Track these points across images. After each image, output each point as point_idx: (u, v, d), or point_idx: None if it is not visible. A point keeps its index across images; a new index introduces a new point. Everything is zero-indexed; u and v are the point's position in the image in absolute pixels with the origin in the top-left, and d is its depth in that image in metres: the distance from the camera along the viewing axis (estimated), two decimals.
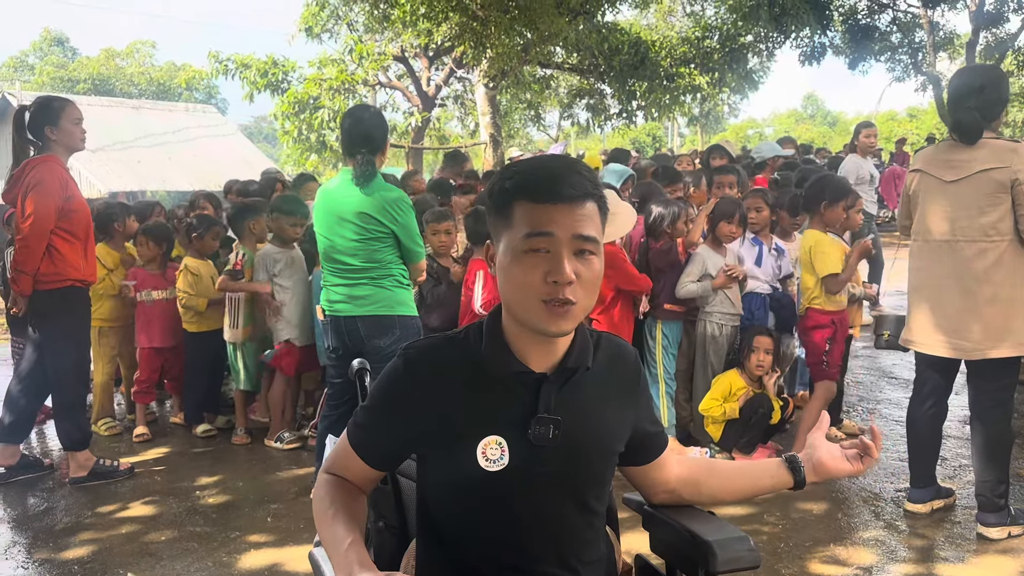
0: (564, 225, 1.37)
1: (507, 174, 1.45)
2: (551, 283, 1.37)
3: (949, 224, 3.47)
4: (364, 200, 3.70)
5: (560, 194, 1.38)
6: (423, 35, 14.38)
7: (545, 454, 1.46)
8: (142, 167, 21.15)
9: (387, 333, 3.74)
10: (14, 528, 3.98)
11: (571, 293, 1.38)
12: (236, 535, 3.78)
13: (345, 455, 1.58)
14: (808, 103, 65.13)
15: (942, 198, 3.49)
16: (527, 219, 1.39)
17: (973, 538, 3.54)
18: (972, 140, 3.40)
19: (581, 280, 1.39)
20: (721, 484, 1.71)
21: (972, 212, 3.39)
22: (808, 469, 1.65)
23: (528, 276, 1.38)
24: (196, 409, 5.42)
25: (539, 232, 1.37)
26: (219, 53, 15.82)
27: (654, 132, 44.06)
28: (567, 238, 1.37)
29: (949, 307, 3.48)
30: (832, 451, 1.65)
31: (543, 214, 1.38)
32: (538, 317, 1.40)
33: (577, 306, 1.39)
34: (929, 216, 3.55)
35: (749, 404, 4.40)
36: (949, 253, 3.48)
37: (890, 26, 20.93)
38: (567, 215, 1.38)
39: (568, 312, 1.39)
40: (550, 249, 1.37)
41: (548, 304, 1.38)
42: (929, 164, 3.58)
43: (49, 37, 46.25)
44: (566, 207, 1.38)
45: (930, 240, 3.55)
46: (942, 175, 3.50)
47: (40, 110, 4.20)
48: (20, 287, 4.18)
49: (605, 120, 20.86)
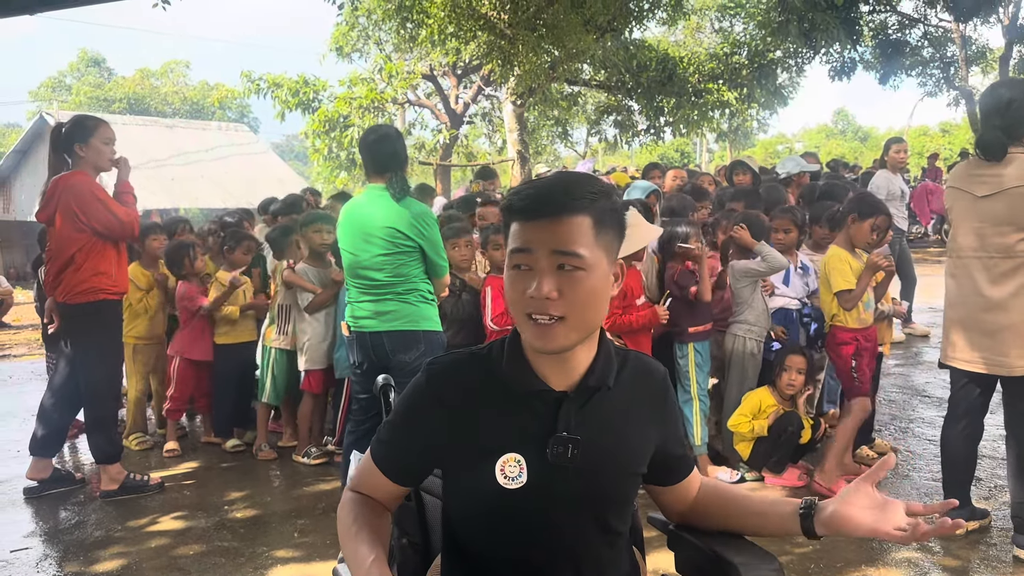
0: (543, 241, 1.38)
1: (507, 195, 1.50)
2: (530, 298, 1.38)
3: (980, 240, 3.43)
4: (391, 215, 3.73)
5: (539, 211, 1.40)
6: (451, 53, 14.48)
7: (563, 473, 1.45)
8: (175, 185, 21.50)
9: (412, 348, 3.75)
10: (46, 541, 4.03)
11: (555, 308, 1.38)
12: (263, 550, 3.80)
13: (369, 471, 1.59)
14: (839, 118, 64.58)
15: (974, 213, 3.46)
16: (514, 237, 1.42)
17: (1009, 560, 3.46)
18: (997, 158, 3.38)
19: (566, 296, 1.38)
20: (728, 518, 1.64)
21: (1004, 228, 3.36)
22: (822, 520, 1.49)
23: (513, 292, 1.42)
24: (225, 423, 5.47)
25: (519, 249, 1.40)
26: (251, 73, 16.07)
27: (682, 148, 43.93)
28: (546, 254, 1.38)
29: (985, 323, 3.43)
30: (869, 504, 1.45)
31: (525, 231, 1.41)
32: (527, 333, 1.43)
33: (567, 322, 1.39)
34: (962, 232, 3.52)
35: (779, 422, 4.35)
36: (981, 269, 3.44)
37: (921, 40, 20.71)
38: (546, 231, 1.39)
39: (553, 329, 1.39)
40: (531, 266, 1.39)
41: (532, 319, 1.39)
42: (962, 180, 3.55)
43: (86, 58, 47.23)
44: (546, 223, 1.39)
45: (963, 256, 3.52)
46: (974, 190, 3.46)
47: (73, 128, 4.29)
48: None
49: (633, 136, 20.83)
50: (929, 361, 7.11)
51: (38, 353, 9.46)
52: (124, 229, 4.28)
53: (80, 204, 4.16)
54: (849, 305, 4.14)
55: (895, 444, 4.91)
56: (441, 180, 17.99)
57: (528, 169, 15.90)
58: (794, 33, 15.78)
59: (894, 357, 7.03)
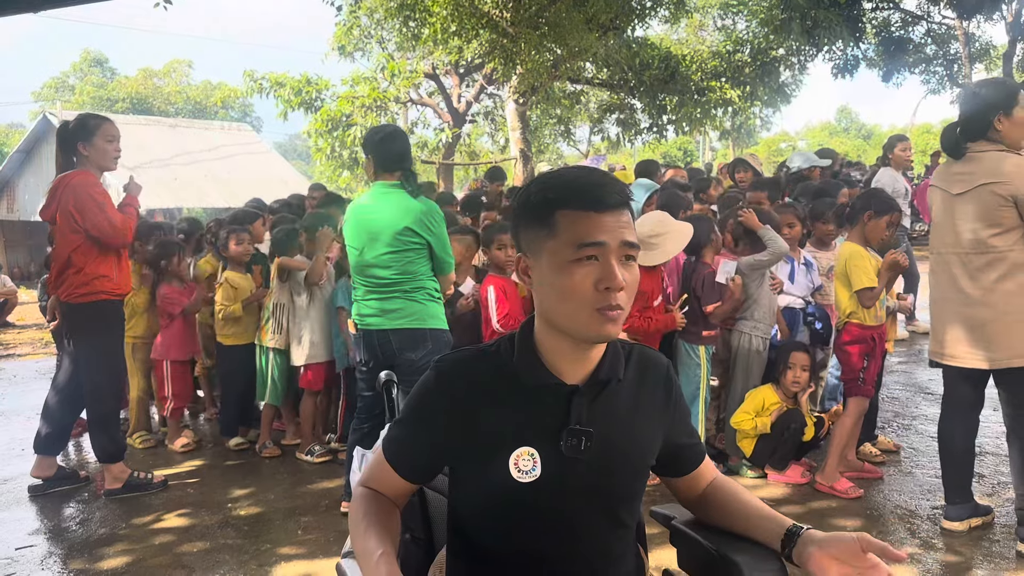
0: (613, 233, 1.38)
1: (545, 184, 1.45)
2: (603, 290, 1.37)
3: (956, 236, 3.49)
4: (400, 213, 3.74)
5: (606, 202, 1.39)
6: (454, 52, 14.47)
7: (577, 466, 1.46)
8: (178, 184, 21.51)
9: (419, 346, 3.76)
10: (50, 539, 4.05)
11: (621, 299, 1.39)
12: (267, 547, 3.81)
13: (380, 468, 1.59)
14: (842, 116, 64.48)
15: (951, 211, 3.53)
16: (574, 228, 1.38)
17: (1012, 556, 3.46)
18: (955, 156, 3.51)
19: (628, 286, 1.40)
20: (724, 518, 1.63)
21: (976, 225, 3.41)
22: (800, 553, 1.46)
23: (580, 285, 1.38)
24: (230, 422, 5.48)
25: (591, 242, 1.37)
26: (254, 72, 16.08)
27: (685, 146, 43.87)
28: (616, 245, 1.38)
29: (967, 318, 3.47)
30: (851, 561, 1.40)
31: (592, 223, 1.38)
32: (589, 325, 1.39)
33: (623, 311, 1.41)
34: (941, 229, 3.59)
35: (782, 419, 4.35)
36: (959, 265, 3.50)
37: (924, 38, 20.69)
38: (614, 223, 1.39)
39: (618, 316, 1.39)
40: (599, 257, 1.38)
41: (600, 312, 1.38)
42: (940, 178, 3.63)
43: (88, 58, 47.32)
44: (613, 215, 1.39)
45: (943, 253, 3.58)
46: (950, 188, 3.53)
47: (77, 127, 4.30)
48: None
49: (636, 135, 20.79)
50: None
51: (42, 352, 9.49)
52: (116, 235, 4.25)
53: (77, 204, 4.17)
54: (870, 303, 4.13)
55: (898, 441, 4.91)
56: (444, 179, 17.98)
57: (531, 168, 15.90)
58: (797, 31, 15.75)
59: (897, 354, 7.03)
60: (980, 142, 3.43)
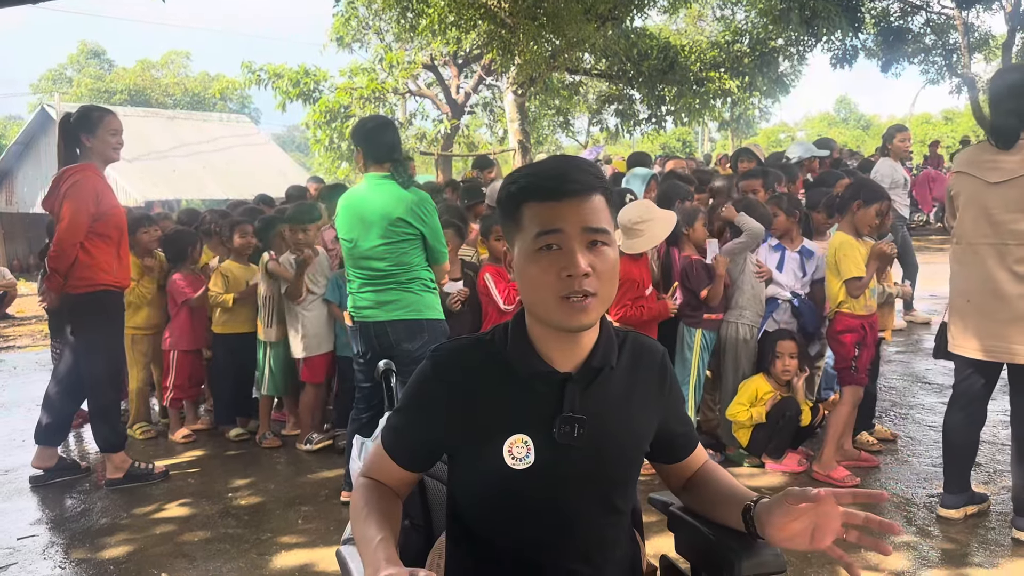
0: (572, 220, 1.39)
1: (512, 178, 1.48)
2: (566, 278, 1.38)
3: (994, 227, 3.40)
4: (392, 203, 3.75)
5: (565, 190, 1.40)
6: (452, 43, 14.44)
7: (570, 453, 1.48)
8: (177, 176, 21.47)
9: (416, 337, 3.77)
10: (52, 529, 4.07)
11: (589, 285, 1.39)
12: (268, 536, 3.83)
13: (380, 458, 1.61)
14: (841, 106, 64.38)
15: (986, 200, 3.42)
16: (536, 219, 1.41)
17: (1008, 544, 3.48)
18: (1008, 145, 3.36)
19: (597, 272, 1.40)
20: (704, 503, 1.65)
21: (1019, 215, 3.33)
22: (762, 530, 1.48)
23: (544, 275, 1.40)
24: (226, 411, 5.50)
25: (549, 230, 1.40)
26: (252, 63, 16.05)
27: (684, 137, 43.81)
28: (577, 232, 1.39)
29: (996, 311, 3.40)
30: (796, 526, 1.42)
31: (551, 211, 1.40)
32: (558, 314, 1.41)
33: (597, 297, 1.41)
34: (972, 218, 3.48)
35: (776, 408, 4.37)
36: (994, 256, 3.40)
37: (923, 28, 20.63)
38: (574, 210, 1.40)
39: (588, 305, 1.40)
40: (561, 245, 1.39)
41: (567, 299, 1.39)
42: (971, 165, 3.50)
43: (86, 50, 47.12)
44: (573, 202, 1.40)
45: (974, 243, 3.48)
46: (986, 176, 3.42)
47: (80, 119, 4.30)
48: (51, 285, 4.30)
49: (634, 125, 20.77)
50: (930, 348, 7.10)
51: (42, 344, 9.50)
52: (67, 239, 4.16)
53: (72, 196, 4.16)
54: (858, 292, 4.15)
55: (895, 430, 4.93)
56: (442, 170, 17.97)
57: (530, 159, 15.89)
58: (796, 21, 15.71)
59: (895, 344, 7.05)
60: None
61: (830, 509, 1.40)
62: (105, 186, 4.33)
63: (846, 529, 1.42)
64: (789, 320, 4.67)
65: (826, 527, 1.41)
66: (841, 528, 1.42)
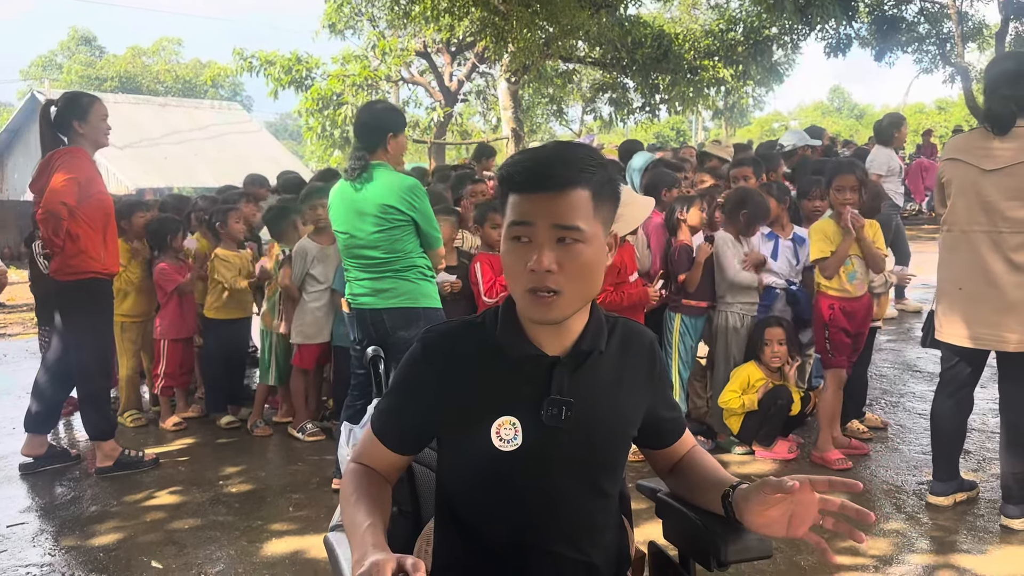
0: (543, 215, 1.39)
1: (503, 167, 1.49)
2: (530, 272, 1.39)
3: (988, 214, 3.38)
4: (382, 190, 3.73)
5: (539, 184, 1.40)
6: (445, 30, 14.41)
7: (557, 435, 1.48)
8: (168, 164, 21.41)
9: (412, 325, 3.76)
10: (42, 516, 4.06)
11: (553, 282, 1.39)
12: (259, 524, 3.83)
13: (369, 442, 1.61)
14: (834, 95, 64.44)
15: (981, 188, 3.39)
16: (513, 208, 1.42)
17: (996, 530, 3.50)
18: (1004, 131, 3.34)
19: (564, 269, 1.39)
20: (689, 489, 1.66)
21: (1015, 203, 3.31)
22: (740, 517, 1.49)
23: (513, 265, 1.42)
24: (217, 399, 5.49)
25: (519, 222, 1.40)
26: (244, 50, 15.97)
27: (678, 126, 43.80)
28: (546, 227, 1.39)
29: (989, 299, 3.38)
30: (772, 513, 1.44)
31: (525, 204, 1.41)
32: (524, 305, 1.44)
33: (563, 296, 1.40)
34: (966, 206, 3.45)
35: (768, 396, 4.38)
36: (988, 244, 3.38)
37: (917, 17, 20.60)
38: (547, 205, 1.39)
39: (552, 301, 1.40)
40: (531, 239, 1.40)
41: (532, 293, 1.40)
42: (964, 152, 3.47)
43: (76, 36, 46.79)
44: (547, 197, 1.39)
45: (967, 231, 3.45)
46: (980, 164, 3.39)
47: (68, 105, 4.26)
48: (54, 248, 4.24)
49: (628, 114, 20.77)
50: (918, 336, 7.13)
51: (32, 332, 9.46)
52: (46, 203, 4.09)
53: (62, 167, 4.10)
54: (827, 273, 4.18)
55: (886, 418, 4.95)
56: (435, 158, 17.92)
57: (523, 147, 15.85)
58: (790, 9, 15.69)
59: (886, 332, 7.07)
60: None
61: (807, 497, 1.41)
62: (94, 171, 4.30)
63: (823, 516, 1.42)
64: (784, 308, 4.68)
65: (803, 514, 1.43)
66: (819, 515, 1.43)
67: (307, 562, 3.44)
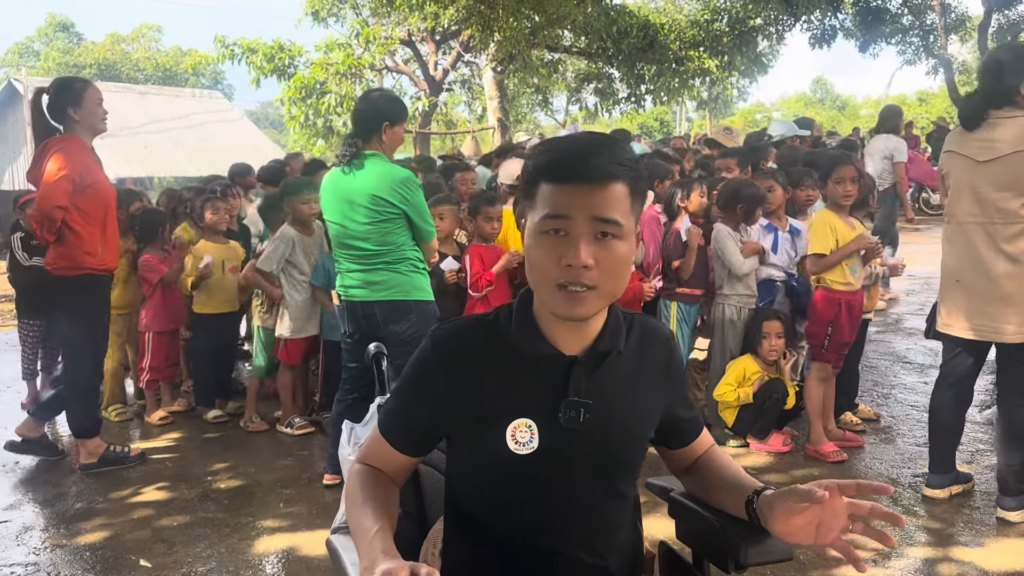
0: (582, 207, 1.32)
1: (534, 153, 1.42)
2: (566, 267, 1.33)
3: (982, 206, 3.38)
4: (373, 182, 3.66)
5: (580, 175, 1.33)
6: (429, 18, 14.28)
7: (575, 438, 1.43)
8: (149, 153, 21.11)
9: (404, 318, 3.70)
10: (26, 514, 3.97)
11: (589, 278, 1.33)
12: (249, 521, 3.76)
13: (376, 443, 1.55)
14: (817, 87, 64.70)
15: (975, 179, 3.40)
16: (546, 200, 1.35)
17: (992, 523, 3.50)
18: (969, 126, 3.39)
19: (601, 265, 1.33)
20: (708, 489, 1.62)
21: (1007, 194, 3.31)
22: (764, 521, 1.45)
23: (545, 259, 1.35)
24: (206, 393, 5.40)
25: (556, 214, 1.33)
26: (225, 38, 15.74)
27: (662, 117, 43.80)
28: (585, 220, 1.33)
29: (985, 290, 3.38)
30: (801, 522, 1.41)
31: (562, 195, 1.34)
32: (553, 301, 1.36)
33: (597, 291, 1.35)
34: (962, 198, 3.46)
35: (763, 389, 4.36)
36: (982, 235, 3.38)
37: (901, 8, 20.63)
38: (586, 197, 1.33)
39: (584, 298, 1.34)
40: (567, 232, 1.33)
41: (563, 289, 1.34)
42: (961, 144, 3.48)
43: (54, 22, 46.04)
44: (586, 188, 1.33)
45: (963, 222, 3.46)
46: (975, 155, 3.40)
47: (61, 91, 4.13)
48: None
49: (613, 104, 20.71)
50: (908, 327, 7.17)
51: (11, 324, 9.31)
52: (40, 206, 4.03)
53: (56, 158, 4.00)
54: (817, 269, 4.16)
55: (877, 410, 4.94)
56: (420, 148, 17.81)
57: (508, 137, 15.78)
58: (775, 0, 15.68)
59: (874, 324, 7.07)
60: (1005, 109, 3.31)
61: (836, 504, 1.37)
62: (91, 159, 4.17)
63: (852, 521, 1.38)
64: (783, 300, 4.66)
65: (831, 521, 1.39)
66: (847, 522, 1.39)
67: (299, 560, 3.38)
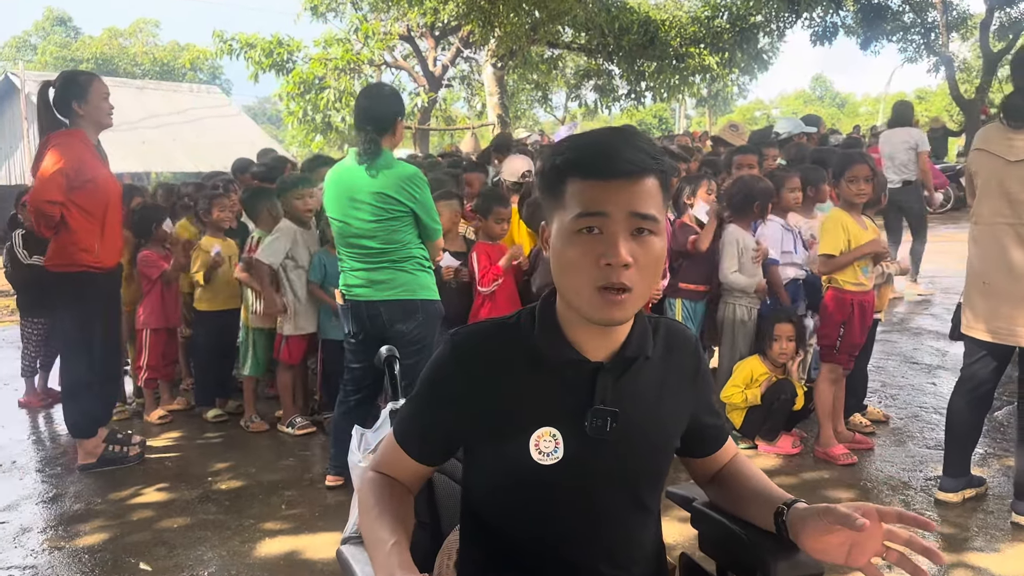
0: (619, 203, 1.25)
1: (559, 150, 1.34)
2: (604, 266, 1.25)
3: (1013, 206, 3.30)
4: (380, 179, 3.58)
5: (615, 169, 1.26)
6: (429, 14, 14.18)
7: (601, 447, 1.37)
8: (146, 148, 21.03)
9: (410, 318, 3.63)
10: (24, 515, 3.90)
11: (627, 278, 1.26)
12: (250, 523, 3.70)
13: (391, 451, 1.49)
14: (817, 84, 64.67)
15: (1005, 179, 3.32)
16: (579, 197, 1.27)
17: (1007, 528, 3.44)
18: (1018, 124, 3.27)
19: (638, 263, 1.27)
20: (734, 500, 1.55)
21: None
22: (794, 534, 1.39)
23: (581, 259, 1.27)
24: (206, 392, 5.33)
25: (591, 212, 1.26)
26: (223, 32, 15.63)
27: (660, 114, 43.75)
28: (623, 217, 1.26)
29: (1011, 292, 3.31)
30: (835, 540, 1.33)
31: (596, 191, 1.26)
32: (591, 305, 1.29)
33: (634, 292, 1.28)
34: (991, 198, 3.38)
35: (771, 390, 4.30)
36: (1012, 236, 3.31)
37: (902, 6, 20.59)
38: (623, 192, 1.26)
39: (624, 300, 1.28)
40: (603, 229, 1.26)
41: (603, 291, 1.27)
42: (991, 143, 3.40)
43: (51, 16, 45.87)
44: (622, 183, 1.26)
45: (992, 223, 3.38)
46: (1005, 155, 3.32)
47: (67, 85, 4.06)
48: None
49: (613, 101, 20.64)
50: (915, 328, 7.12)
51: (9, 320, 9.24)
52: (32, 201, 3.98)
53: (51, 154, 3.93)
54: (826, 269, 4.09)
55: (886, 411, 4.88)
56: (419, 145, 17.72)
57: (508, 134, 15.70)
58: None
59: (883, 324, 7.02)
60: None
61: (872, 527, 1.31)
62: (93, 154, 4.09)
63: (886, 549, 1.32)
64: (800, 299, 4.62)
65: (865, 545, 1.32)
66: (882, 547, 1.32)
67: (302, 563, 3.31)
